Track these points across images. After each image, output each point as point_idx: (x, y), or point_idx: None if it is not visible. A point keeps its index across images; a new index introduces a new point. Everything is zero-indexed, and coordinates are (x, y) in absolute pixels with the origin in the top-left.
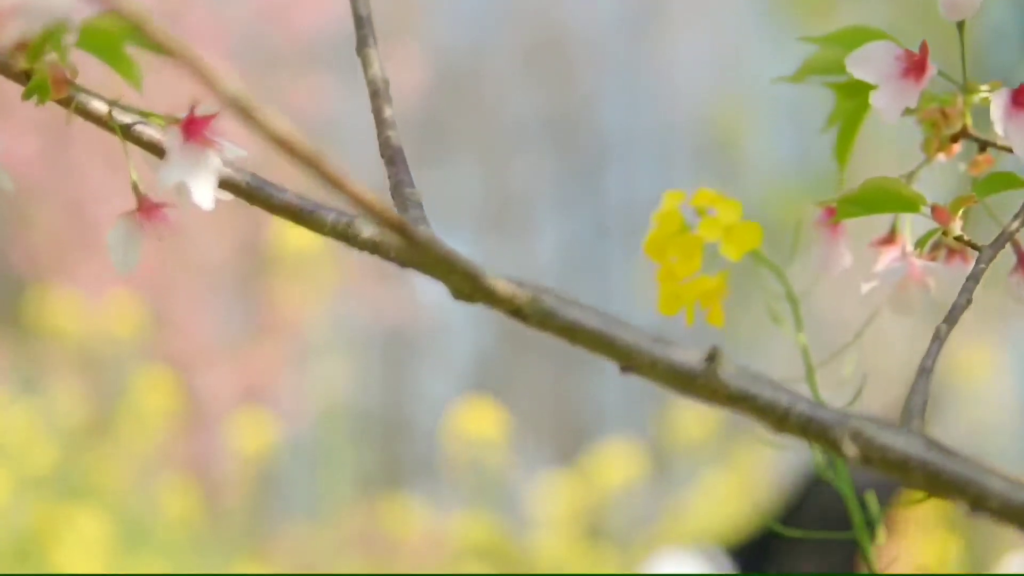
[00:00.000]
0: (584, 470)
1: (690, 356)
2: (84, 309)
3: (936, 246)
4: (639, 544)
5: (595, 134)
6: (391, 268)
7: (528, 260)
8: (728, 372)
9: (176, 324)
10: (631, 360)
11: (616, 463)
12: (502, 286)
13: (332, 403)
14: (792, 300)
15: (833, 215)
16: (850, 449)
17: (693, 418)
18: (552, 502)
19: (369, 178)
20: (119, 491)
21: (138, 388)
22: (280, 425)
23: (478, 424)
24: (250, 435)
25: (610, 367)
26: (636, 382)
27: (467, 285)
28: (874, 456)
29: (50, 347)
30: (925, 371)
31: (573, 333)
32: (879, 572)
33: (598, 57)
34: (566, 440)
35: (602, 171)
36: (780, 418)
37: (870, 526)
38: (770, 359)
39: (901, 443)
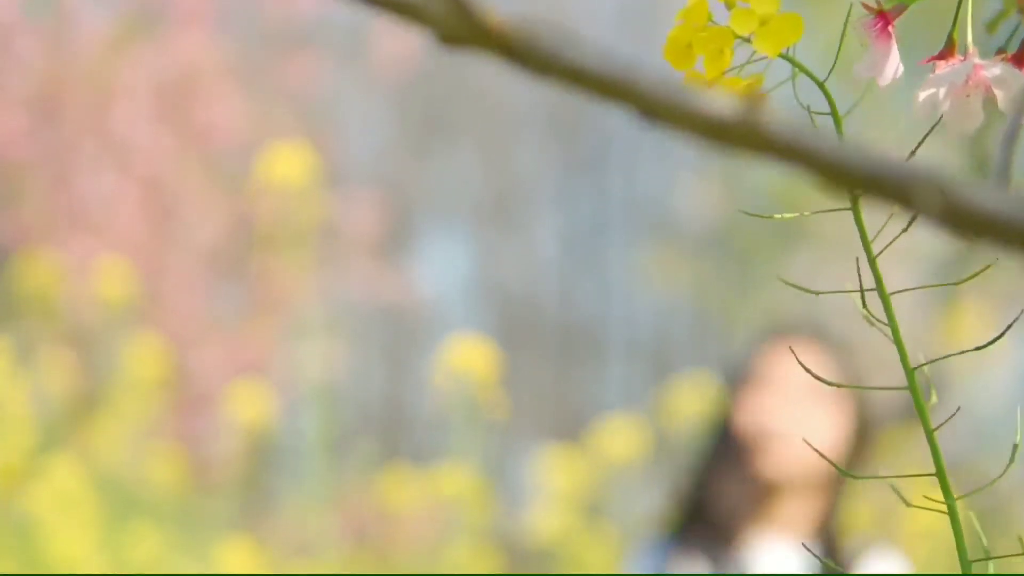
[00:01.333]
0: (585, 449)
1: (723, 102)
2: (72, 279)
3: (1000, 52)
4: (638, 521)
5: (596, 127)
6: (387, 246)
7: (528, 253)
8: (771, 118)
9: (169, 301)
10: (652, 107)
11: (617, 442)
12: (496, 21)
13: (326, 381)
14: (835, 117)
15: (883, 13)
16: (930, 204)
17: (692, 398)
18: (551, 479)
19: (365, 159)
20: (108, 461)
21: (128, 357)
22: (273, 402)
23: (471, 362)
24: (243, 412)
25: (610, 360)
26: (635, 377)
27: (457, 21)
28: (958, 213)
29: (38, 315)
30: (1009, 133)
31: (581, 77)
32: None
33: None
34: (564, 429)
35: (603, 165)
36: (840, 169)
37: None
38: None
39: (992, 199)
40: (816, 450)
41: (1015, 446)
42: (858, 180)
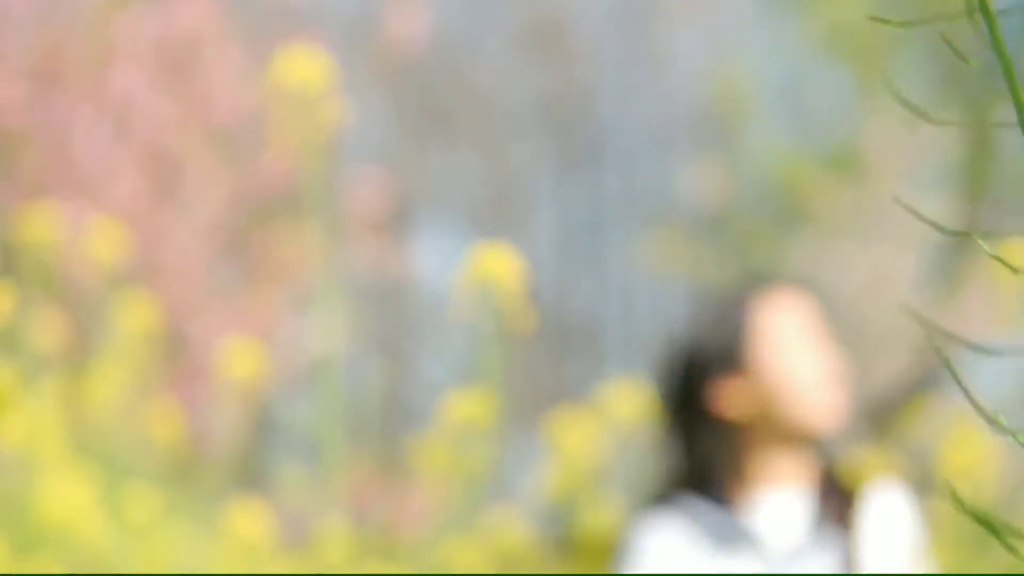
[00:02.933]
0: (593, 412)
1: None
2: (70, 245)
3: None
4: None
5: (592, 123)
6: (386, 231)
7: (525, 250)
8: None
9: (169, 268)
10: None
11: (624, 406)
12: None
13: (327, 353)
14: None
15: None
16: None
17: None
18: (558, 443)
19: (362, 146)
20: (103, 426)
21: (125, 322)
22: (274, 373)
23: (497, 270)
24: (242, 380)
25: (607, 355)
26: (633, 373)
27: None
28: None
29: (35, 280)
30: None
31: None
32: None
33: (596, 47)
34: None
35: (599, 160)
36: None
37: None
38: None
39: None
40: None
41: None
42: None
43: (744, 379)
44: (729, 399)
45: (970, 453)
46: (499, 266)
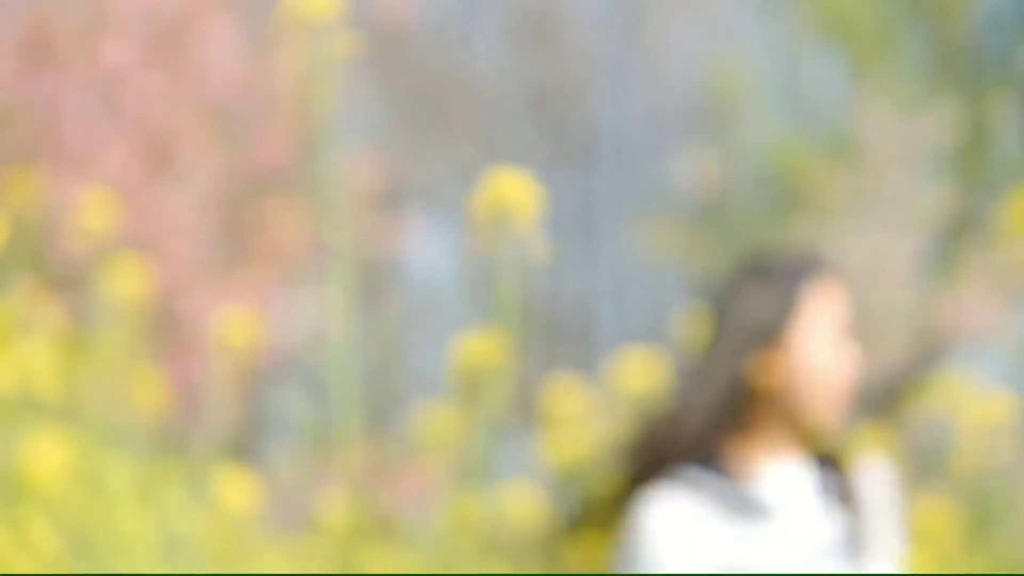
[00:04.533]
0: (603, 381)
1: None
2: (61, 221)
3: None
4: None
5: (586, 114)
6: (379, 206)
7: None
8: None
9: (162, 245)
10: None
11: (636, 375)
12: None
13: (320, 330)
14: None
15: None
16: None
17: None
18: (561, 411)
19: (353, 127)
20: (95, 402)
21: (116, 298)
22: (268, 348)
23: (513, 197)
24: (236, 353)
25: (601, 352)
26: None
27: None
28: None
29: (25, 260)
30: None
31: None
32: None
33: (590, 37)
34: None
35: (593, 153)
36: None
37: None
38: None
39: None
40: None
41: None
42: None
43: (778, 352)
44: (760, 367)
45: (986, 419)
46: (515, 191)
